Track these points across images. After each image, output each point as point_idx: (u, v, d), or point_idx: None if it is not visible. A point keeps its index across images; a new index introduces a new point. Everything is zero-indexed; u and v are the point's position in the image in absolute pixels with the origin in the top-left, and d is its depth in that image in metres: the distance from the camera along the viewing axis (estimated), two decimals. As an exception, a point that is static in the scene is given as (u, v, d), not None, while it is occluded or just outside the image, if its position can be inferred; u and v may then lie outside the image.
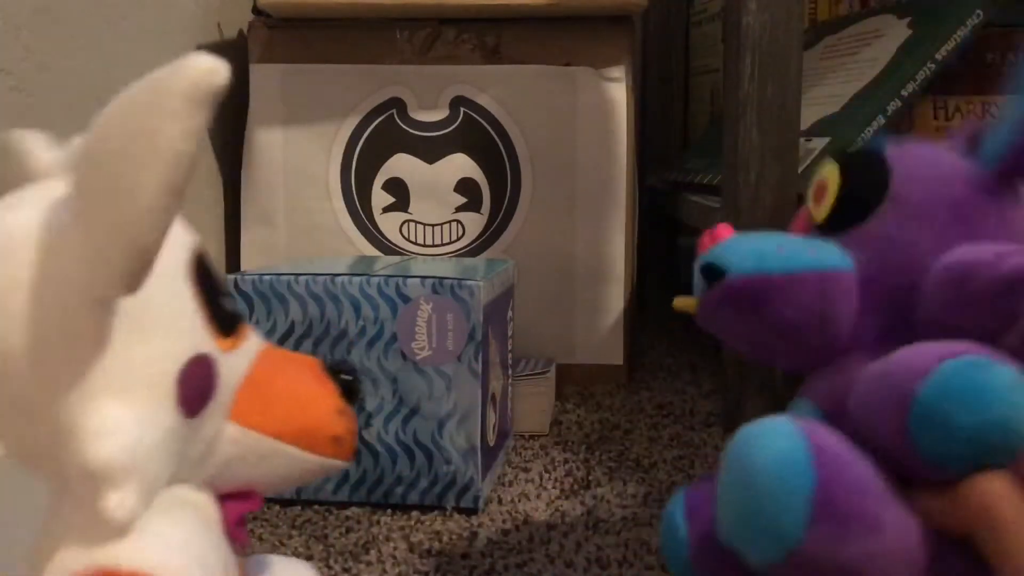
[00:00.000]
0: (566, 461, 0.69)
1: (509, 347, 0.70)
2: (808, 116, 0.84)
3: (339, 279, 0.60)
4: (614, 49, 0.85)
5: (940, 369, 0.29)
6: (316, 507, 0.61)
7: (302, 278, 0.60)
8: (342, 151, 0.87)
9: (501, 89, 0.85)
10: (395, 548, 0.55)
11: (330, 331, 0.60)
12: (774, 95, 0.69)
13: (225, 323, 0.32)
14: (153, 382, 0.28)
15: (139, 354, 0.28)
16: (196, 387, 0.30)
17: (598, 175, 0.86)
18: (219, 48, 0.86)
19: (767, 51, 0.68)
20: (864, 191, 0.36)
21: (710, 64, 1.20)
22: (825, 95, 0.88)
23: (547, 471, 0.67)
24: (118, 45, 0.65)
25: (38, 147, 0.33)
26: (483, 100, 0.86)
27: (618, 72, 0.85)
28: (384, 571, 0.52)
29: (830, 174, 0.37)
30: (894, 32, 0.88)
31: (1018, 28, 0.88)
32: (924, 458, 0.29)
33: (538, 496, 0.62)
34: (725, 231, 0.38)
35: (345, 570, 0.52)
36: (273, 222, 0.87)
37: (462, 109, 0.86)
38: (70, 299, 0.27)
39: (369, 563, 0.53)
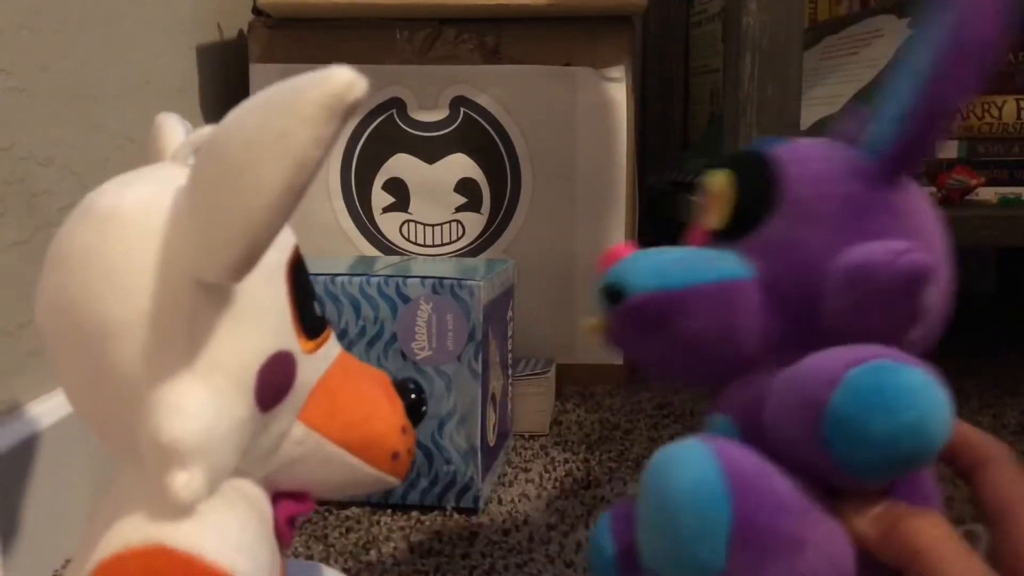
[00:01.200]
0: (566, 461, 0.69)
1: (509, 347, 0.70)
2: (808, 116, 0.84)
3: (339, 279, 0.60)
4: (614, 49, 0.85)
5: (848, 376, 0.28)
6: (316, 507, 0.61)
7: (302, 278, 0.60)
8: (342, 151, 0.87)
9: (501, 89, 0.85)
10: (395, 548, 0.55)
11: (330, 331, 0.60)
12: (774, 95, 0.69)
13: (311, 326, 0.32)
14: (236, 372, 0.29)
15: (228, 343, 0.29)
16: (275, 383, 0.30)
17: (598, 175, 0.86)
18: (219, 48, 0.86)
19: (767, 51, 0.68)
20: (756, 197, 0.35)
21: (710, 64, 1.20)
22: (825, 95, 0.88)
23: (547, 471, 0.67)
24: (118, 45, 0.65)
25: (174, 131, 0.35)
26: (483, 100, 0.86)
27: (618, 72, 0.85)
28: (384, 571, 0.52)
29: (721, 182, 0.36)
30: (894, 32, 0.88)
31: (1018, 28, 0.88)
32: (841, 467, 0.29)
33: (538, 496, 0.62)
34: (624, 250, 0.37)
35: (345, 570, 0.52)
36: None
37: (462, 109, 0.86)
38: (173, 280, 0.28)
39: (369, 563, 0.53)
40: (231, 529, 0.29)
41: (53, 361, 0.30)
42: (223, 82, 0.85)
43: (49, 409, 0.53)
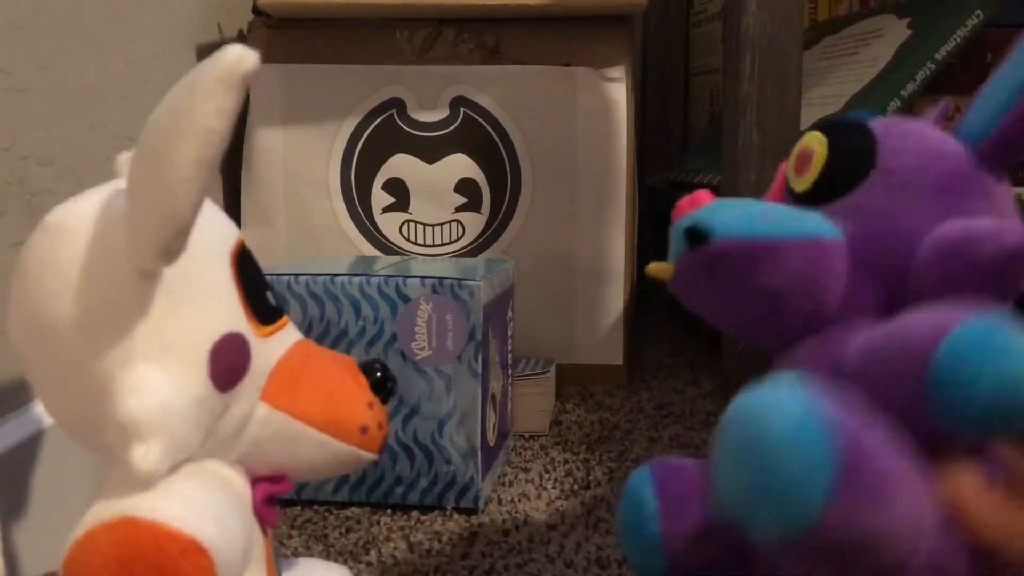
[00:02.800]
0: (566, 461, 0.69)
1: (509, 347, 0.70)
2: (808, 116, 0.84)
3: (339, 279, 0.60)
4: (614, 49, 0.85)
5: (959, 330, 0.28)
6: (316, 507, 0.61)
7: (302, 278, 0.60)
8: (342, 151, 0.87)
9: (501, 89, 0.85)
10: (395, 548, 0.55)
11: (330, 331, 0.60)
12: (774, 95, 0.69)
13: (264, 313, 0.34)
14: (187, 352, 0.31)
15: (176, 325, 0.30)
16: (228, 362, 0.32)
17: (598, 175, 0.86)
18: (219, 48, 0.86)
19: (767, 51, 0.68)
20: (851, 161, 0.36)
21: (710, 64, 1.20)
22: (825, 95, 0.88)
23: (547, 471, 0.67)
24: (118, 45, 0.65)
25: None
26: (483, 100, 0.86)
27: (618, 72, 0.85)
28: (384, 571, 0.52)
29: (815, 143, 0.36)
30: (894, 32, 0.88)
31: (1018, 28, 0.88)
32: (942, 421, 0.28)
33: (538, 496, 0.62)
34: (705, 197, 0.37)
35: (345, 570, 0.52)
36: (273, 222, 0.87)
37: (462, 109, 0.86)
38: (119, 274, 0.30)
39: (369, 563, 0.53)
40: (196, 498, 0.31)
41: (29, 373, 0.32)
42: (223, 82, 0.85)
43: (49, 409, 0.53)
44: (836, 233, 0.35)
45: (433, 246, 0.87)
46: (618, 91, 0.85)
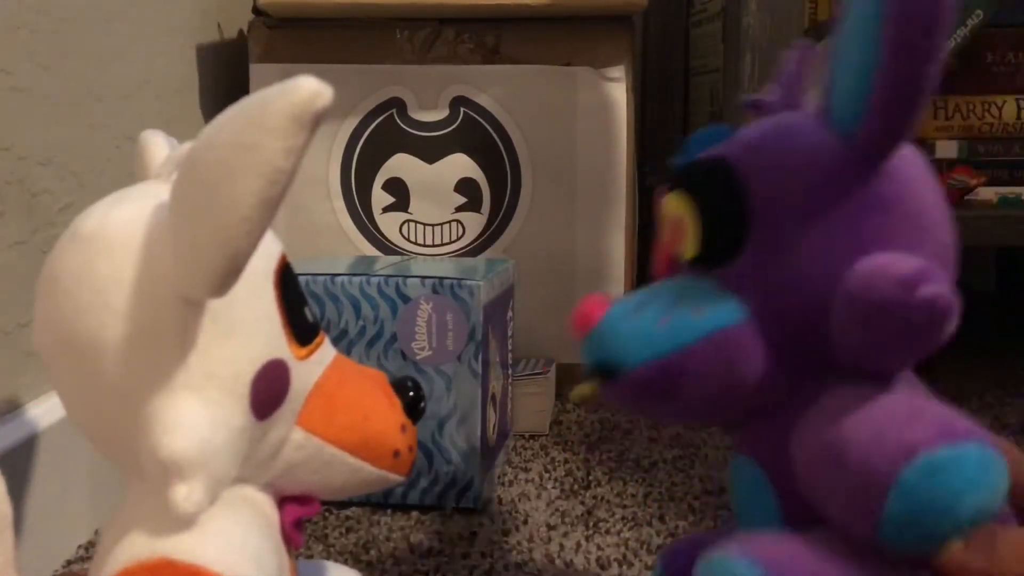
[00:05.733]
0: (566, 461, 0.69)
1: (509, 347, 0.70)
2: (808, 116, 0.84)
3: (339, 279, 0.60)
4: (614, 49, 0.85)
5: (904, 478, 0.27)
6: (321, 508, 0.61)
7: (302, 278, 0.60)
8: (342, 151, 0.87)
9: (501, 89, 0.85)
10: (395, 548, 0.55)
11: (330, 331, 0.60)
12: (774, 95, 0.69)
13: (303, 332, 0.33)
14: (229, 383, 0.29)
15: (219, 355, 0.29)
16: (269, 391, 0.31)
17: (598, 175, 0.86)
18: (219, 48, 0.86)
19: (767, 51, 0.68)
20: (725, 223, 0.31)
21: (710, 64, 1.19)
22: (825, 95, 0.88)
23: (547, 471, 0.67)
24: (118, 45, 0.65)
25: (158, 147, 0.36)
26: (483, 100, 0.86)
27: (618, 72, 0.85)
28: (384, 571, 0.52)
29: (679, 208, 0.32)
30: (894, 32, 0.88)
31: (1018, 28, 0.88)
32: (892, 548, 0.28)
33: (538, 496, 0.62)
34: (596, 308, 0.33)
35: (345, 570, 0.52)
36: (273, 222, 0.87)
37: (462, 109, 0.86)
38: (162, 297, 0.28)
39: (369, 563, 0.53)
40: (234, 537, 0.29)
41: (55, 382, 0.31)
42: (223, 82, 0.85)
43: (49, 409, 0.53)
44: (739, 314, 0.31)
45: (433, 246, 0.87)
46: (618, 91, 0.85)
